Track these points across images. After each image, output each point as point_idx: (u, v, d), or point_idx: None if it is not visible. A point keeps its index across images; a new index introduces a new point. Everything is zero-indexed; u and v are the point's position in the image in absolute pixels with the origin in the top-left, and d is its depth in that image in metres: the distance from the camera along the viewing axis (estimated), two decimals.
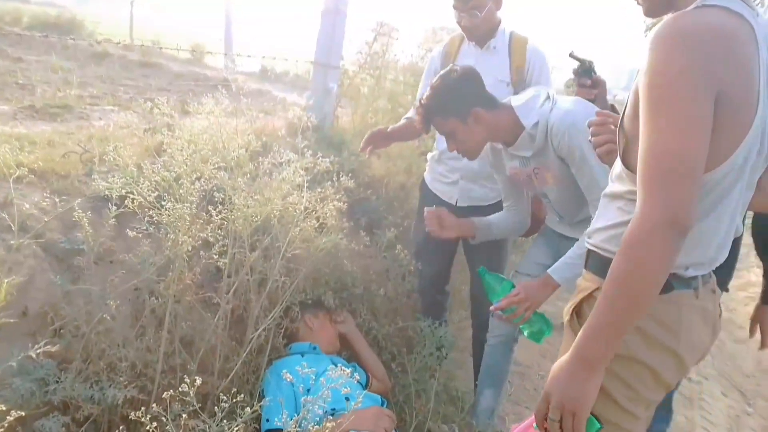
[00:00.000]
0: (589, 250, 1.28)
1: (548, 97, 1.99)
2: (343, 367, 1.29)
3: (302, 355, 2.18)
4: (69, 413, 1.63)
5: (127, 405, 1.64)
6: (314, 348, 2.25)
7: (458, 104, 1.94)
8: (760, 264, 2.12)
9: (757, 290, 2.16)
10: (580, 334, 1.11)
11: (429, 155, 2.72)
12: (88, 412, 1.62)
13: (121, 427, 1.49)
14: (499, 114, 2.00)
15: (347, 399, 1.75)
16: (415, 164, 3.21)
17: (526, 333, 2.04)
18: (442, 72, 2.03)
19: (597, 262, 1.24)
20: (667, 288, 1.14)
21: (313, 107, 3.21)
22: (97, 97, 3.89)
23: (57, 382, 1.58)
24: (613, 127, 1.39)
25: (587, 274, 1.27)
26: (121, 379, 1.61)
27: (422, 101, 2.02)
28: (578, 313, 1.25)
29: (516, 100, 2.02)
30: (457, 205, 2.58)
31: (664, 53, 0.97)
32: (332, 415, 1.74)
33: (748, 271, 5.53)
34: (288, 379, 1.32)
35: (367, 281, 2.65)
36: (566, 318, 1.29)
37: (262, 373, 1.99)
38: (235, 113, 2.76)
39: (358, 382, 1.90)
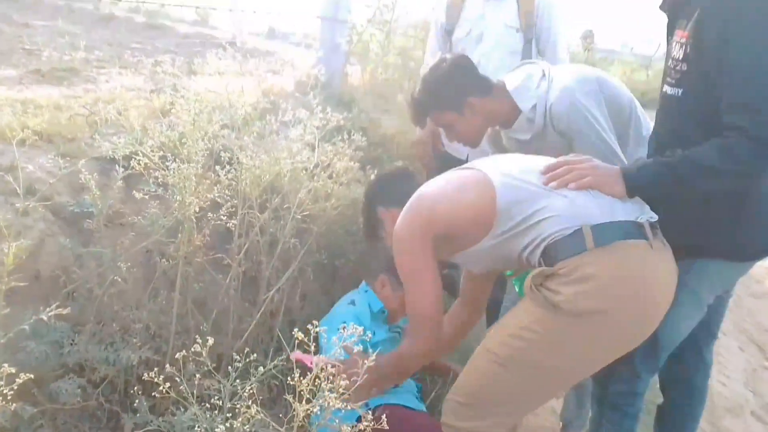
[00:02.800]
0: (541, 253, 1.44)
1: (543, 76, 1.91)
2: (355, 325, 1.26)
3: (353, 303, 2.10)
4: (85, 375, 1.64)
5: (143, 366, 1.65)
6: (382, 311, 2.12)
7: (452, 96, 1.88)
8: None
9: None
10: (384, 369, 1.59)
11: None
12: (104, 373, 1.63)
13: (135, 387, 1.50)
14: (495, 99, 1.93)
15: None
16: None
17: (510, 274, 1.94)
18: (432, 64, 1.97)
19: (551, 252, 1.41)
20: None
21: (322, 64, 3.13)
22: (104, 61, 3.83)
23: (71, 344, 1.59)
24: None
25: (545, 266, 1.42)
26: (135, 340, 1.61)
27: (414, 96, 1.95)
28: (540, 286, 1.40)
29: (510, 82, 1.94)
30: (468, 160, 2.51)
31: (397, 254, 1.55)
32: None
33: None
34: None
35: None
36: (527, 291, 1.43)
37: (277, 334, 1.99)
38: (242, 73, 2.71)
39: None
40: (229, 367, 1.39)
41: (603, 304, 1.36)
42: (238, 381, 1.40)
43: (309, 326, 1.20)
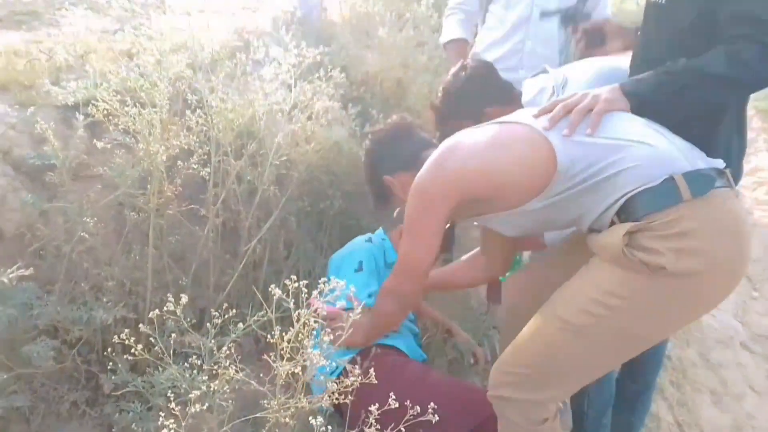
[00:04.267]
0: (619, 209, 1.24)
1: (553, 92, 1.79)
2: (336, 280, 1.18)
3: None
4: (59, 336, 1.56)
5: (120, 324, 1.58)
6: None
7: (471, 107, 1.76)
8: None
9: (766, 174, 2.04)
10: (365, 327, 1.58)
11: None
12: (79, 334, 1.55)
13: (111, 348, 1.43)
14: (513, 109, 1.78)
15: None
16: (411, 57, 2.97)
17: None
18: (453, 70, 1.88)
19: (636, 204, 1.22)
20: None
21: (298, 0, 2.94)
22: (71, 2, 3.60)
23: (42, 305, 1.50)
24: None
25: (629, 221, 1.22)
26: (106, 299, 1.53)
27: (434, 104, 1.87)
28: (633, 246, 1.19)
29: (525, 93, 1.83)
30: None
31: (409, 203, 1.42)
32: None
33: (756, 156, 5.38)
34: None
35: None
36: (614, 249, 1.21)
37: (261, 285, 1.91)
38: (216, 10, 2.53)
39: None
40: (208, 324, 1.32)
41: (706, 262, 1.19)
42: (218, 338, 1.33)
43: (288, 281, 1.12)
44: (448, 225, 1.43)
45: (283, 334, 1.20)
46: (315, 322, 1.17)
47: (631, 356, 1.38)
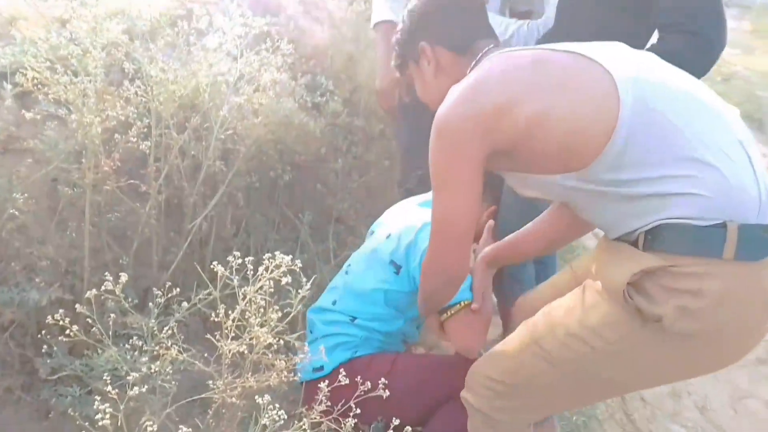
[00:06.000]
0: (644, 233, 1.03)
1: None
2: None
3: None
4: None
5: (56, 305, 1.50)
6: None
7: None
8: None
9: None
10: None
11: None
12: (11, 316, 1.47)
13: (45, 330, 1.36)
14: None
15: None
16: (363, 31, 2.91)
17: None
18: None
19: (669, 236, 1.00)
20: None
21: None
22: None
23: None
24: None
25: (647, 253, 1.03)
26: (39, 280, 1.45)
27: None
28: (635, 285, 1.03)
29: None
30: None
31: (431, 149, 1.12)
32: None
33: None
34: None
35: (317, 158, 2.48)
36: (615, 286, 1.04)
37: (207, 264, 1.85)
38: None
39: None
40: (150, 304, 1.27)
41: (709, 327, 1.01)
42: (162, 318, 1.29)
43: (231, 258, 1.08)
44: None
45: (229, 312, 1.17)
46: (262, 299, 1.14)
47: (609, 398, 1.28)
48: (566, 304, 1.17)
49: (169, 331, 1.14)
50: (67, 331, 1.14)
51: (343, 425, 1.10)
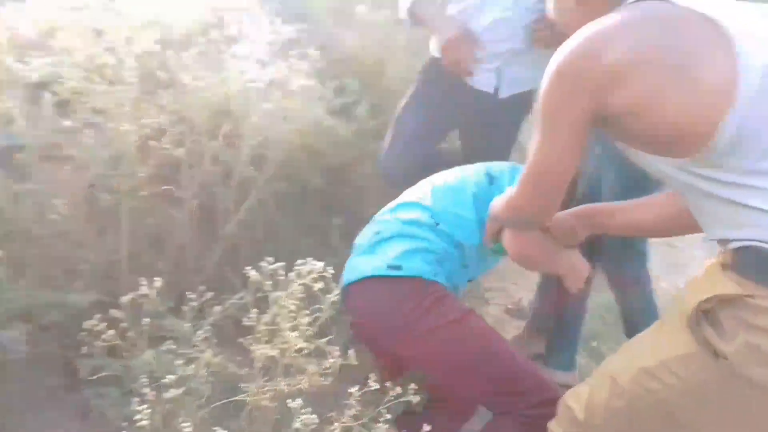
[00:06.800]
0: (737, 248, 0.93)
1: None
2: None
3: None
4: (32, 321, 1.53)
5: (96, 308, 1.55)
6: None
7: None
8: None
9: None
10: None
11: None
12: (53, 318, 1.52)
13: (86, 332, 1.40)
14: None
15: None
16: (391, 36, 2.92)
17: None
18: None
19: (754, 261, 0.90)
20: None
21: None
22: None
23: (12, 290, 1.47)
24: None
25: (732, 274, 0.92)
26: (80, 283, 1.50)
27: None
28: (707, 313, 0.93)
29: None
30: (499, 96, 2.11)
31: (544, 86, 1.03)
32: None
33: None
34: None
35: (347, 162, 2.50)
36: (686, 311, 0.95)
37: (241, 268, 1.89)
38: None
39: None
40: (183, 308, 1.30)
41: None
42: (197, 322, 1.32)
43: (264, 263, 1.10)
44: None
45: (260, 316, 1.19)
46: None
47: None
48: (645, 334, 1.08)
49: (203, 335, 1.17)
50: (103, 336, 1.18)
51: None
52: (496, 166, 1.57)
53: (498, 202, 1.32)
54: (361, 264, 1.49)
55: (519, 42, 2.01)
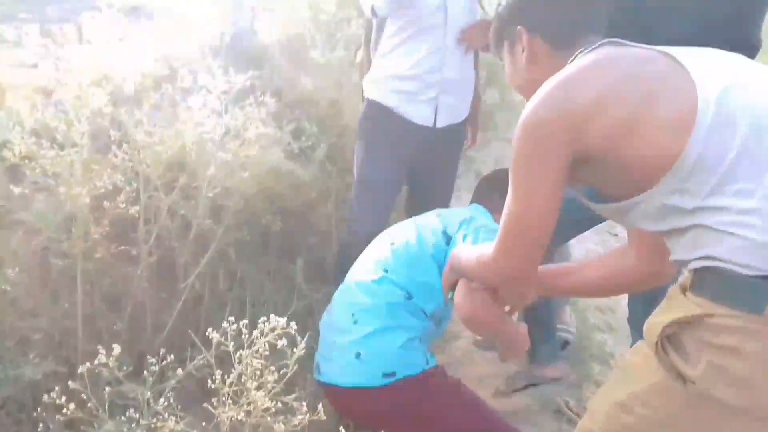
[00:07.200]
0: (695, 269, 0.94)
1: None
2: None
3: None
4: None
5: (52, 378, 1.48)
6: None
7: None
8: None
9: None
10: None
11: (377, 72, 2.21)
12: (6, 393, 1.45)
13: (40, 406, 1.34)
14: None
15: None
16: (345, 76, 2.96)
17: None
18: None
19: (709, 280, 0.91)
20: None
21: (226, 23, 2.88)
22: None
23: None
24: None
25: (691, 295, 0.92)
26: (33, 355, 1.44)
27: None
28: (671, 338, 0.92)
29: None
30: (436, 126, 2.19)
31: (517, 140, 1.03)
32: None
33: None
34: None
35: (307, 204, 2.49)
36: (651, 339, 0.95)
37: (202, 323, 1.84)
38: (137, 36, 2.44)
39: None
40: (145, 372, 1.25)
41: (750, 402, 0.87)
42: (158, 385, 1.27)
43: (226, 324, 1.07)
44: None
45: (225, 377, 1.16)
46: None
47: None
48: (620, 366, 1.08)
49: (165, 403, 1.13)
50: (63, 410, 1.13)
51: None
52: (449, 220, 1.61)
53: (463, 256, 1.29)
54: (347, 365, 1.54)
55: (452, 71, 2.11)
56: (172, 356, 1.25)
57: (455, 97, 2.20)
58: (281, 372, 1.19)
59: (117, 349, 1.15)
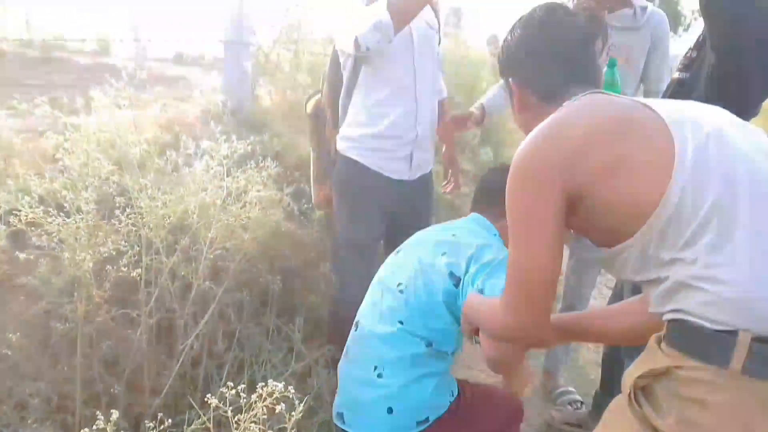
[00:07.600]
0: (668, 321, 0.96)
1: None
2: None
3: None
4: None
5: None
6: None
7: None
8: None
9: None
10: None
11: (352, 131, 2.26)
12: None
13: None
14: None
15: None
16: None
17: None
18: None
19: (679, 333, 0.93)
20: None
21: (228, 90, 3.00)
22: None
23: None
24: None
25: (665, 347, 0.94)
26: (31, 420, 1.43)
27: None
28: (645, 390, 0.94)
29: None
30: (409, 180, 2.27)
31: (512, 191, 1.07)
32: None
33: None
34: None
35: (306, 264, 2.52)
36: (625, 390, 0.96)
37: (200, 384, 1.84)
38: (142, 104, 2.54)
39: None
40: None
41: None
42: None
43: (224, 389, 1.08)
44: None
45: None
46: None
47: None
48: (605, 419, 1.05)
49: None
50: None
51: None
52: (454, 257, 1.56)
53: (477, 316, 1.33)
54: (380, 420, 1.54)
55: (424, 128, 2.23)
56: (169, 420, 1.25)
57: (426, 151, 2.33)
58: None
59: (115, 414, 1.15)
